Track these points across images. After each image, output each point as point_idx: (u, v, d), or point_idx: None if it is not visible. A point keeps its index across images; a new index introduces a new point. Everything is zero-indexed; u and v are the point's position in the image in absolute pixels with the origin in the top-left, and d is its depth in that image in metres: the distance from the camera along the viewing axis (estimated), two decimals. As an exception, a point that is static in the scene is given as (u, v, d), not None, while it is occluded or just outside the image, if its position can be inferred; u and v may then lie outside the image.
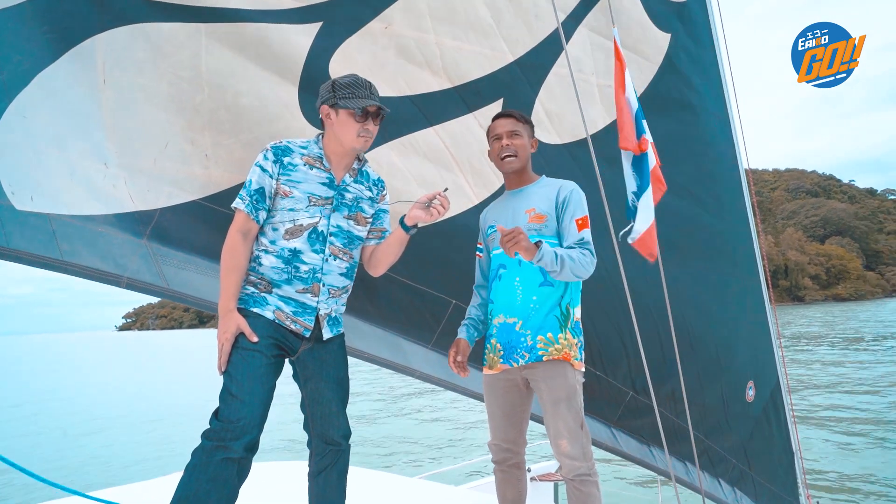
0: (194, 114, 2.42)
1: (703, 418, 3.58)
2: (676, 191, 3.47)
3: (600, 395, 3.26)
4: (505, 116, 2.43)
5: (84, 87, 2.26)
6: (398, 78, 2.77)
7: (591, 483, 2.21)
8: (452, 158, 2.92)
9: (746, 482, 3.82)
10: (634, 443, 3.35)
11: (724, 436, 3.72)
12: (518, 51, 3.00)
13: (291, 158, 2.15)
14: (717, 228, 3.73)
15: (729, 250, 3.82)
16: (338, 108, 2.13)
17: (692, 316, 3.52)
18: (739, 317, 3.88)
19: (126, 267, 2.37)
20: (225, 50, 2.43)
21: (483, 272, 2.53)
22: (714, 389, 3.67)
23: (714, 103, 3.69)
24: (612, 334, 3.22)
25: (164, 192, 2.41)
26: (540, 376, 2.26)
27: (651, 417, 3.30)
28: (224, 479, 1.85)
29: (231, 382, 1.94)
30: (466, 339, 2.45)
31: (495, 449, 2.42)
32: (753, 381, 3.88)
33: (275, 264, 2.10)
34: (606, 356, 3.24)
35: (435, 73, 2.84)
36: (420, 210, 2.24)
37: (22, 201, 2.20)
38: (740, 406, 3.83)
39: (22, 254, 2.23)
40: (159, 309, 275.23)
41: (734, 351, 3.81)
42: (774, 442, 4.06)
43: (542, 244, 2.14)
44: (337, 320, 2.25)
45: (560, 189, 2.36)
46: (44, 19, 2.17)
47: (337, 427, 2.19)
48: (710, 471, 3.63)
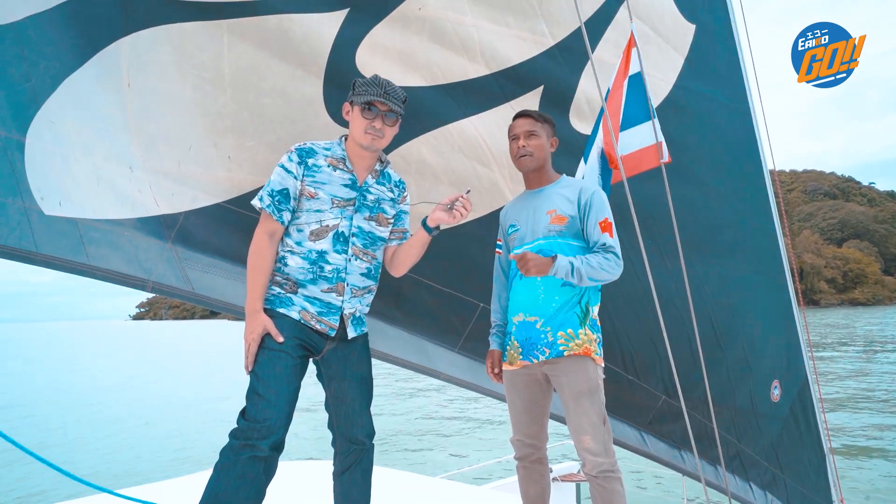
0: (217, 116, 2.45)
1: (735, 420, 3.56)
2: (700, 187, 3.46)
3: (631, 399, 3.25)
4: (523, 116, 2.45)
5: (109, 91, 2.31)
6: (431, 66, 2.73)
7: (615, 479, 2.24)
8: (489, 152, 2.86)
9: (778, 486, 3.80)
10: (664, 446, 3.34)
11: (755, 438, 3.70)
12: (559, 34, 2.94)
13: (315, 160, 2.20)
14: (741, 226, 3.71)
15: (753, 247, 3.79)
16: (353, 104, 2.22)
17: (720, 315, 3.50)
18: (764, 315, 3.85)
19: (151, 271, 2.42)
20: (247, 46, 2.45)
21: (503, 269, 2.55)
22: (744, 390, 3.65)
23: (736, 100, 3.66)
24: (645, 338, 3.21)
25: (189, 196, 2.45)
26: (561, 371, 2.29)
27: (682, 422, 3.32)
28: (252, 478, 1.94)
29: (258, 382, 2.01)
30: (498, 349, 2.50)
31: (518, 445, 2.47)
32: (779, 381, 3.86)
33: (301, 265, 2.16)
34: (639, 361, 3.24)
35: (472, 58, 2.78)
36: (443, 212, 2.27)
37: (51, 206, 2.26)
38: (767, 406, 3.80)
39: (50, 258, 2.28)
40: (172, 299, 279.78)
41: (760, 350, 3.78)
42: (804, 443, 4.02)
43: (556, 259, 2.21)
44: (361, 320, 2.29)
45: (582, 191, 2.38)
46: (70, 24, 2.22)
47: (361, 426, 2.24)
48: (742, 475, 3.61)
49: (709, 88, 3.53)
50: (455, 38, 2.74)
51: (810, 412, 4.04)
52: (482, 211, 2.89)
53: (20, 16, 2.19)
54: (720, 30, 3.58)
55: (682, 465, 3.35)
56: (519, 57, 2.86)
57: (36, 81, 2.21)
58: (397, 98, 2.22)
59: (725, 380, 3.52)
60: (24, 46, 2.19)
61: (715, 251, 3.54)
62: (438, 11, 2.69)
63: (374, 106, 2.18)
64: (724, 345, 3.53)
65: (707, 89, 3.52)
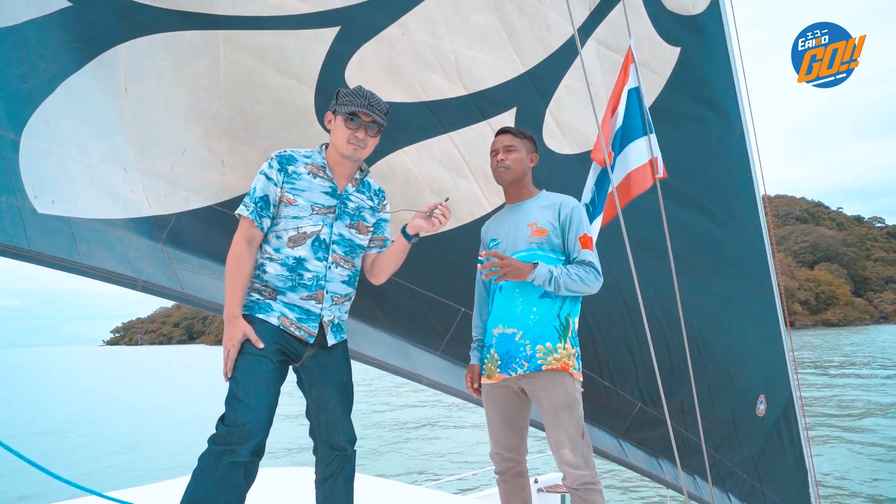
0: (212, 121, 2.56)
1: (713, 431, 3.66)
2: (686, 203, 3.60)
3: (608, 406, 3.34)
4: (503, 133, 2.58)
5: (106, 94, 2.41)
6: (414, 83, 2.90)
7: (595, 491, 2.30)
8: (466, 165, 3.04)
9: (757, 497, 3.90)
10: (642, 454, 3.42)
11: (734, 450, 3.80)
12: (529, 62, 3.15)
13: (295, 167, 2.26)
14: (728, 241, 3.84)
15: (740, 263, 3.92)
16: (336, 113, 2.28)
17: (702, 327, 3.62)
18: (750, 330, 3.97)
19: (142, 270, 2.50)
20: (243, 56, 2.58)
21: (484, 284, 2.63)
22: (724, 403, 3.76)
23: (728, 116, 3.81)
24: (620, 344, 3.32)
25: (181, 197, 2.54)
26: (539, 386, 2.34)
27: (659, 429, 3.41)
28: (231, 483, 1.93)
29: (237, 387, 2.03)
30: (479, 365, 2.57)
31: (497, 459, 2.51)
32: (764, 396, 3.98)
33: (279, 272, 2.20)
34: (615, 367, 3.33)
35: (451, 80, 2.97)
36: (422, 219, 2.35)
37: (44, 205, 2.34)
38: (751, 420, 3.90)
39: (42, 256, 2.36)
40: (149, 324, 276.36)
41: (745, 364, 3.89)
42: (786, 458, 4.12)
43: (536, 266, 2.29)
44: (340, 327, 2.34)
45: (561, 206, 2.47)
46: (70, 29, 2.32)
47: (342, 432, 2.27)
48: (721, 485, 3.70)
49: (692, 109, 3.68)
50: (435, 62, 2.93)
51: (794, 428, 4.16)
52: (463, 219, 3.04)
53: (21, 19, 2.30)
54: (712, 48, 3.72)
55: (660, 475, 3.45)
56: (493, 80, 3.07)
57: (34, 83, 2.30)
58: (380, 109, 2.30)
59: (705, 391, 3.62)
60: (23, 49, 2.29)
61: (700, 265, 3.67)
62: (420, 37, 2.89)
63: (357, 116, 2.24)
64: (706, 356, 3.65)
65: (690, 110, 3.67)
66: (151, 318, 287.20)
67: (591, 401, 3.23)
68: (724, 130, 3.82)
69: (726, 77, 3.81)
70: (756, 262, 3.99)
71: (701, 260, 3.70)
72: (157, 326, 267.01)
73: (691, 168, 3.63)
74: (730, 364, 3.81)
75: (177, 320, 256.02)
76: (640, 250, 3.26)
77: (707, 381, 3.65)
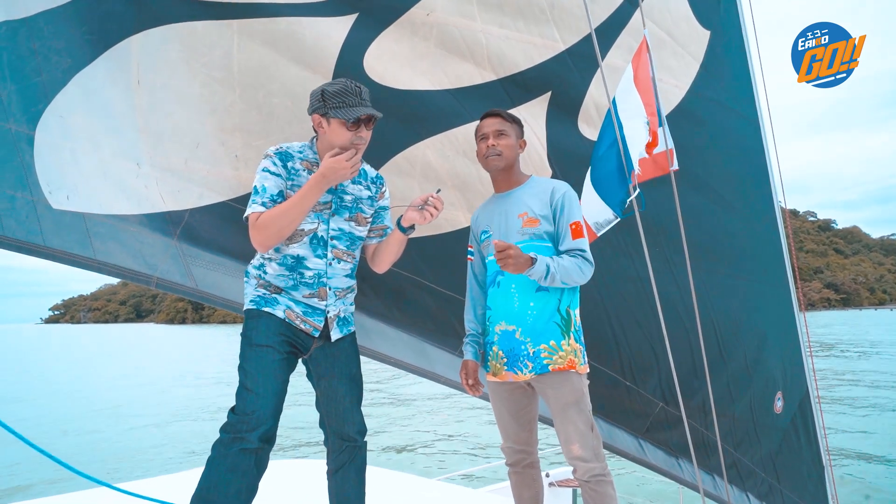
0: (226, 115, 2.67)
1: (733, 430, 3.80)
2: (707, 194, 3.68)
3: (629, 406, 3.48)
4: (492, 115, 2.58)
5: (119, 88, 2.52)
6: (437, 70, 2.95)
7: (607, 483, 2.46)
8: None
9: (775, 496, 4.11)
10: (662, 454, 3.58)
11: (752, 448, 3.96)
12: (571, 39, 3.15)
13: (294, 163, 2.36)
14: (747, 234, 3.98)
15: (758, 256, 4.06)
16: (329, 117, 2.28)
17: (722, 324, 3.76)
18: (768, 325, 4.13)
19: (156, 267, 2.65)
20: (257, 46, 2.66)
21: (476, 277, 2.73)
22: (744, 400, 3.90)
23: (745, 106, 3.95)
24: (644, 344, 3.45)
25: (195, 193, 2.67)
26: (546, 384, 2.47)
27: (679, 429, 3.67)
28: (243, 470, 2.13)
29: (245, 378, 2.22)
30: (473, 360, 2.68)
31: (508, 451, 2.68)
32: (782, 392, 4.16)
33: (279, 272, 2.34)
34: (637, 367, 3.47)
35: (479, 63, 3.00)
36: (414, 212, 2.45)
37: (58, 200, 2.48)
38: (769, 417, 4.06)
39: (57, 252, 2.50)
40: (92, 301, 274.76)
41: (763, 360, 4.04)
42: (803, 454, 4.30)
43: (535, 260, 2.37)
44: (346, 320, 2.48)
45: (553, 190, 2.52)
46: (83, 20, 2.42)
47: (352, 423, 2.44)
48: (739, 485, 3.88)
49: (721, 96, 3.79)
50: (462, 44, 2.97)
51: (810, 423, 4.39)
52: None
53: (33, 11, 2.40)
54: (732, 37, 3.83)
55: (680, 475, 3.73)
56: (527, 62, 3.09)
57: (47, 76, 2.41)
58: (369, 99, 2.34)
59: (725, 389, 3.77)
60: (36, 41, 2.39)
61: (721, 260, 3.79)
62: (447, 17, 2.92)
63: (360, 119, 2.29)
64: (727, 354, 3.79)
65: (719, 97, 3.78)
66: (95, 296, 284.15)
67: (613, 401, 3.37)
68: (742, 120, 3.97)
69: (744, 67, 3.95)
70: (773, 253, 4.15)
71: (723, 254, 3.83)
72: (101, 304, 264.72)
73: (714, 158, 3.74)
74: (749, 361, 3.96)
75: (123, 297, 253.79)
76: (666, 245, 3.41)
77: (727, 378, 3.79)
